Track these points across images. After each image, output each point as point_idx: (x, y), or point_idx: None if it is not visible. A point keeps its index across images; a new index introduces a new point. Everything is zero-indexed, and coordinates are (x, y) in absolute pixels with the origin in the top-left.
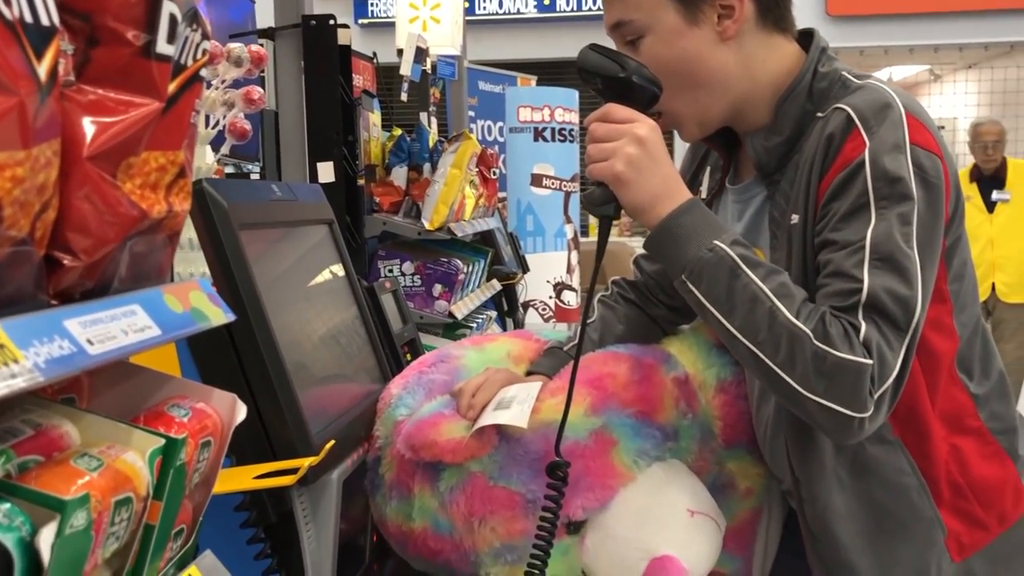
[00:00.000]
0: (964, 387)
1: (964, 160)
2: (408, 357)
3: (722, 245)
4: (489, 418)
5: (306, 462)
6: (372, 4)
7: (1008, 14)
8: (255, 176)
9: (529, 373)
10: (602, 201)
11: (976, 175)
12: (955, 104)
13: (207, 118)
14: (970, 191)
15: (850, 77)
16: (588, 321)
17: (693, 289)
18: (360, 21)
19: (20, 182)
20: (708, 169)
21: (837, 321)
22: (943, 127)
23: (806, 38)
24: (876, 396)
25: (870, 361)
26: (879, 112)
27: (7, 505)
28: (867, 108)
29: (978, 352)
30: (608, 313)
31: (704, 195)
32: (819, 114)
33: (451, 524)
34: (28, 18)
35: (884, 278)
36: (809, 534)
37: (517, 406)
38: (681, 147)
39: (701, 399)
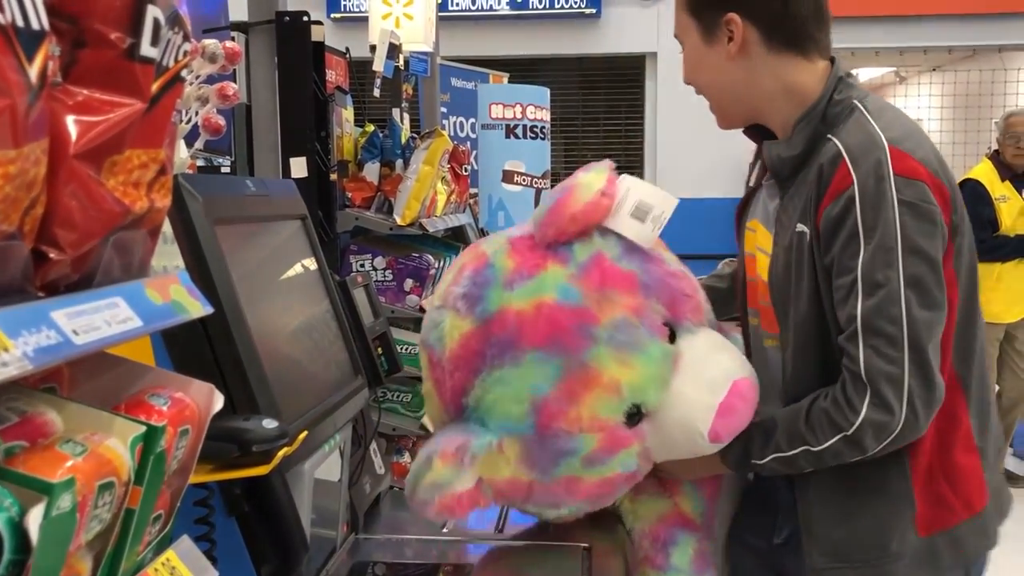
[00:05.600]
0: (959, 380)
1: (963, 162)
2: (379, 351)
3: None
4: (621, 224)
5: (280, 452)
6: None
7: (971, 19)
8: (226, 170)
9: None
10: None
11: (1006, 173)
12: (920, 105)
13: (181, 113)
14: (1004, 190)
15: (859, 105)
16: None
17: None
18: (332, 16)
19: (11, 179)
20: (760, 163)
21: (838, 390)
22: None
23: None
24: (904, 404)
25: (864, 402)
26: (864, 147)
27: None
28: (853, 143)
29: (976, 353)
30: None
31: (752, 183)
32: (829, 136)
33: (580, 293)
34: (20, 22)
35: (873, 301)
36: (789, 491)
37: (651, 223)
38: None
39: None
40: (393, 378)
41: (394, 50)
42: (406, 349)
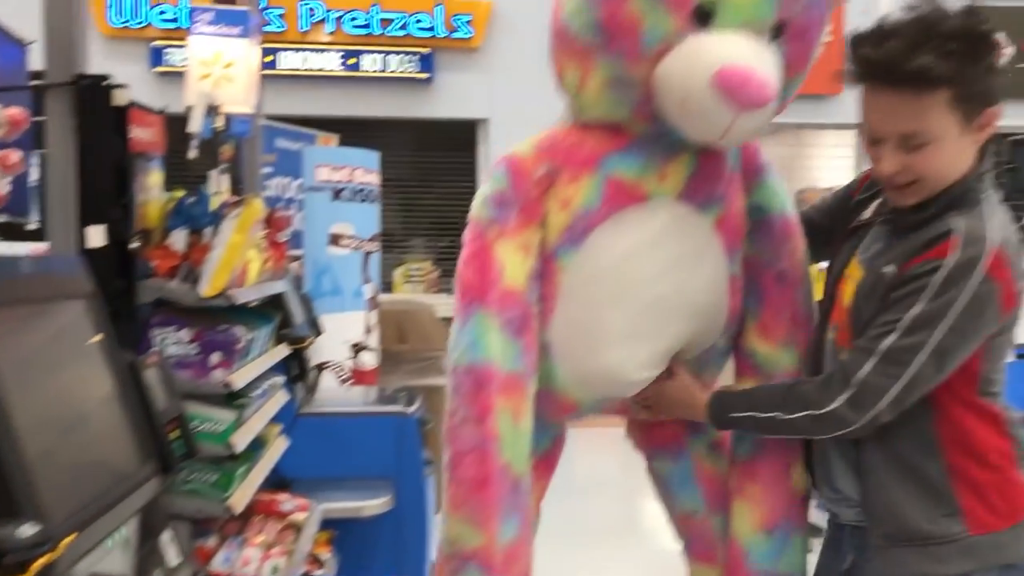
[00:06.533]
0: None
1: None
2: (177, 433)
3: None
4: None
5: (41, 559)
6: (167, 53)
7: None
8: (33, 227)
9: None
10: None
11: None
12: None
13: None
14: None
15: (983, 195)
16: None
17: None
18: (155, 69)
19: None
20: (880, 200)
21: (823, 379)
22: None
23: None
24: (870, 414)
25: (842, 397)
26: (975, 238)
27: None
28: (969, 230)
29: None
30: None
31: (868, 215)
32: (955, 213)
33: None
34: None
35: (907, 341)
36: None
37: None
38: None
39: None
40: (198, 458)
41: (213, 110)
42: (211, 427)
